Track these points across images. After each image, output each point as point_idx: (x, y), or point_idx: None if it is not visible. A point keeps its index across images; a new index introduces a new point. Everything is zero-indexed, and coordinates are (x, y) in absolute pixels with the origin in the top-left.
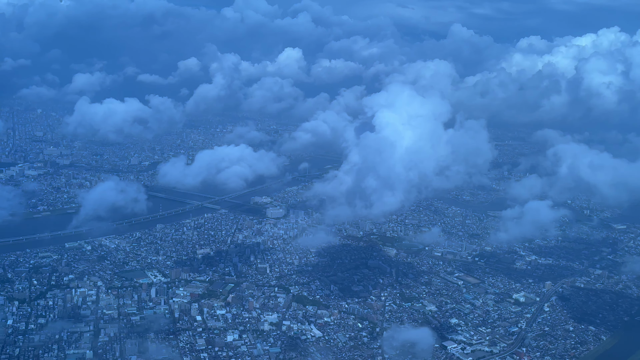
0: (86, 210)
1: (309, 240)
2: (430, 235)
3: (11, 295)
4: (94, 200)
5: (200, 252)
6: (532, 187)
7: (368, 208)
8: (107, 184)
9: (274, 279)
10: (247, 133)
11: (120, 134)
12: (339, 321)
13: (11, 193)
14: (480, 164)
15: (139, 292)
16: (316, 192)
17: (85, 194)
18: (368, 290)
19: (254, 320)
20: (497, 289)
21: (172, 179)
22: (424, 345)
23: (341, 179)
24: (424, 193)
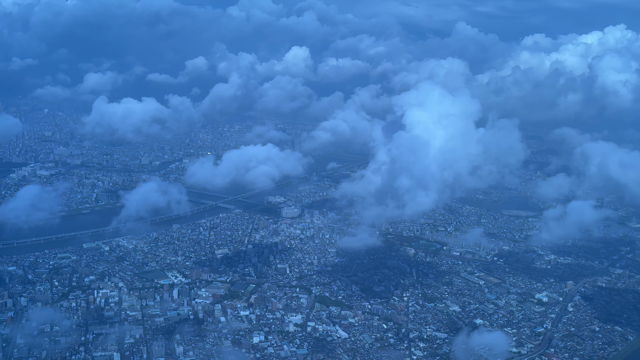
0: (128, 211)
1: (349, 241)
2: (472, 236)
3: (34, 297)
4: (137, 201)
5: (219, 253)
6: (561, 186)
7: (401, 208)
8: (150, 185)
9: (294, 279)
10: (267, 132)
11: (139, 134)
12: (363, 322)
13: (51, 194)
14: (513, 163)
15: (160, 293)
16: (344, 192)
17: (128, 194)
18: (390, 291)
19: (278, 321)
20: (518, 289)
21: (201, 179)
22: (498, 350)
23: (369, 178)
24: (457, 193)
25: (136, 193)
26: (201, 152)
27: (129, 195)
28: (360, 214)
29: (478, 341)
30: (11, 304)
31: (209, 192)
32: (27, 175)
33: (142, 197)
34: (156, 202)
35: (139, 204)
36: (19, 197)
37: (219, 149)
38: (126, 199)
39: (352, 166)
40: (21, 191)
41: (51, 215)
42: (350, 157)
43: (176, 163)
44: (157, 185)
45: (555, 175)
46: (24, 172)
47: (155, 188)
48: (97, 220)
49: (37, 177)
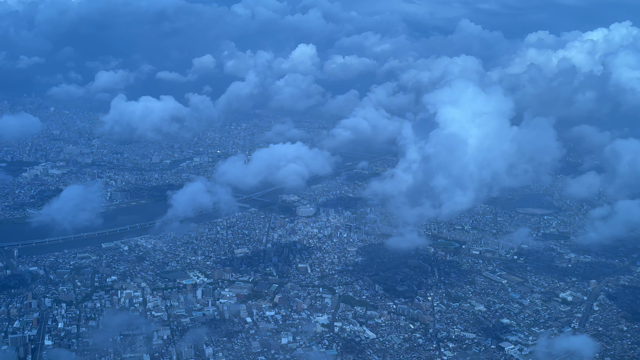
0: (175, 211)
1: (396, 242)
2: (518, 236)
3: (57, 298)
4: (183, 201)
5: (238, 252)
6: (591, 185)
7: (437, 207)
8: (196, 185)
9: (316, 278)
10: (287, 131)
11: (158, 133)
12: (389, 322)
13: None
14: (548, 162)
15: (184, 293)
16: (374, 191)
17: (174, 194)
18: (413, 290)
19: (305, 321)
20: (542, 288)
21: (231, 178)
22: (585, 354)
23: (401, 177)
24: (493, 192)
25: (183, 193)
26: (210, 150)
27: (177, 195)
28: (393, 213)
29: (563, 346)
30: (35, 305)
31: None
32: (39, 174)
33: (188, 196)
34: (202, 201)
35: (185, 204)
36: (64, 197)
37: (228, 147)
38: (174, 199)
39: (383, 165)
40: (65, 191)
41: (95, 214)
42: (371, 155)
43: (187, 161)
44: (203, 185)
45: (585, 174)
46: (36, 171)
47: (202, 188)
48: (118, 220)
49: (49, 176)
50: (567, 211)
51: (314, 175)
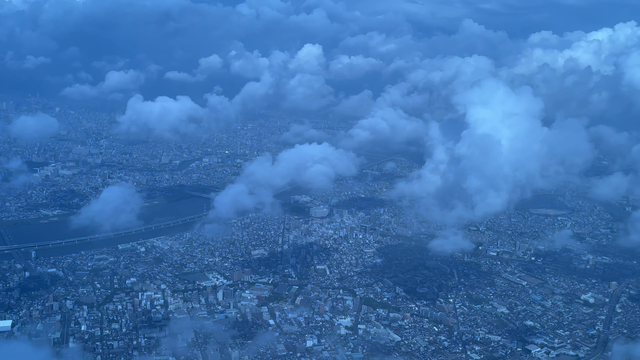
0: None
1: (441, 244)
2: (561, 237)
3: (78, 300)
4: (225, 204)
5: (255, 253)
6: (619, 185)
7: (469, 209)
8: (238, 187)
9: (335, 280)
10: (306, 131)
11: (175, 133)
12: (412, 324)
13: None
14: (580, 164)
15: (204, 295)
16: (401, 192)
17: (218, 196)
18: (434, 292)
19: (328, 324)
20: (562, 290)
21: (259, 178)
22: None
23: (429, 178)
24: (526, 194)
25: (225, 194)
26: (219, 151)
27: (218, 197)
28: (423, 215)
29: None
30: (57, 307)
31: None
32: (50, 175)
33: (231, 198)
34: (244, 203)
35: (227, 206)
36: (104, 198)
37: (236, 147)
38: (215, 200)
39: (404, 165)
40: (105, 191)
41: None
42: (389, 156)
43: (196, 162)
44: (243, 187)
45: (613, 174)
46: (47, 172)
47: (244, 190)
48: (137, 220)
49: (60, 177)
50: (580, 212)
51: (339, 176)
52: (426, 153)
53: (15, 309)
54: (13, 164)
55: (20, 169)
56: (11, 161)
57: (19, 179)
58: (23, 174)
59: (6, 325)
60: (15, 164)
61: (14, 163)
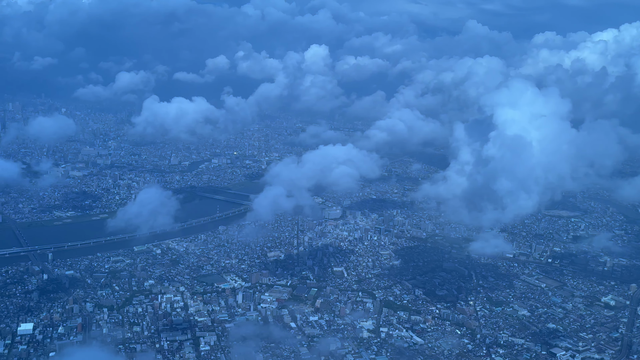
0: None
1: (479, 246)
2: (599, 240)
3: (98, 302)
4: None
5: (271, 255)
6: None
7: (499, 211)
8: (276, 190)
9: (353, 282)
10: (323, 132)
11: (192, 134)
12: (434, 327)
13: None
14: (609, 165)
15: (224, 297)
16: (426, 194)
17: (257, 198)
18: (453, 295)
19: (350, 327)
20: (582, 292)
21: (285, 180)
22: None
23: (454, 179)
24: (556, 196)
25: (263, 197)
26: (227, 152)
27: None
28: (449, 216)
29: None
30: (77, 310)
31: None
32: (61, 176)
33: (270, 200)
34: (283, 206)
35: (266, 208)
36: (140, 201)
37: (244, 148)
38: (254, 202)
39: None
40: (141, 194)
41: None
42: (406, 157)
43: (205, 163)
44: (282, 189)
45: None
46: (58, 173)
47: (283, 192)
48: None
49: (70, 178)
50: (592, 213)
51: (362, 177)
52: (451, 154)
53: (36, 312)
54: (24, 165)
55: (32, 170)
56: (22, 162)
57: (31, 180)
58: (34, 175)
59: (28, 329)
60: (26, 165)
61: (24, 164)
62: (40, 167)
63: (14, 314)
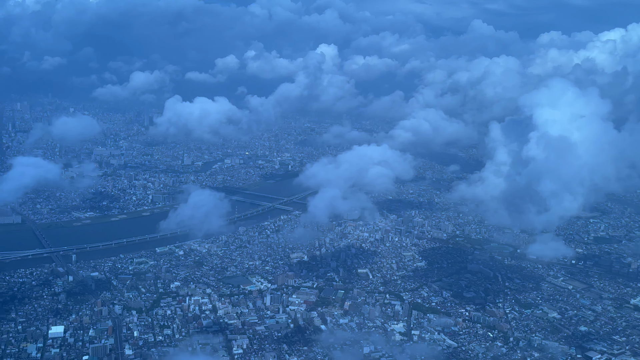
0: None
1: (540, 248)
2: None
3: (126, 305)
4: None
5: (294, 257)
6: None
7: (543, 213)
8: (331, 191)
9: (379, 284)
10: (347, 133)
11: (215, 134)
12: (466, 330)
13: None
14: None
15: (252, 299)
16: (462, 195)
17: (314, 199)
18: (481, 297)
19: (381, 329)
20: (609, 294)
21: (322, 181)
22: None
23: (491, 180)
24: (600, 197)
25: (319, 198)
26: (238, 152)
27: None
28: (489, 218)
29: None
30: (106, 312)
31: (262, 193)
32: (75, 176)
33: (327, 202)
34: (339, 207)
35: (322, 210)
36: (193, 204)
37: (255, 148)
38: (312, 205)
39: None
40: (193, 196)
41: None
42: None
43: (218, 163)
44: (338, 191)
45: None
46: (72, 174)
47: (338, 194)
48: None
49: (85, 178)
50: (610, 214)
51: (397, 178)
52: (486, 155)
53: (64, 314)
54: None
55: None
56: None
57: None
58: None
59: (59, 331)
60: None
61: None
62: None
63: (43, 316)
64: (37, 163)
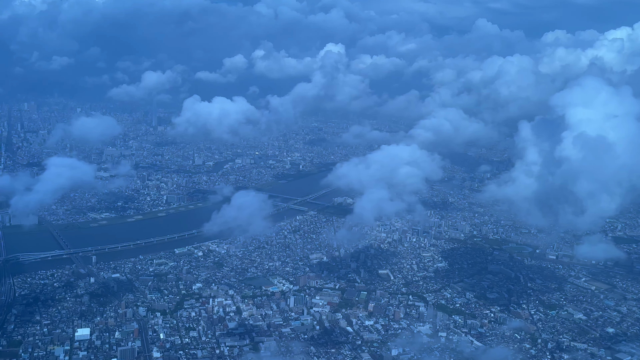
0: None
1: (587, 250)
2: None
3: (150, 306)
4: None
5: (313, 257)
6: None
7: (579, 214)
8: (379, 192)
9: (401, 285)
10: (368, 133)
11: (235, 135)
12: (492, 332)
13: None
14: None
15: (275, 301)
16: (493, 195)
17: (360, 201)
18: (504, 298)
19: (407, 331)
20: (633, 295)
21: (352, 181)
22: None
23: (522, 180)
24: (638, 198)
25: (367, 200)
26: (248, 152)
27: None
28: (522, 219)
29: None
30: (131, 314)
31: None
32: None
33: (374, 203)
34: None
35: (369, 212)
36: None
37: (265, 148)
38: (358, 206)
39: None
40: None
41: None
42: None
43: (229, 163)
44: (385, 192)
45: None
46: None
47: (386, 196)
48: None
49: (97, 179)
50: (626, 214)
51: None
52: (515, 154)
53: (88, 316)
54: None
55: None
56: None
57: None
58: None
59: (85, 334)
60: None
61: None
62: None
63: (67, 318)
64: (73, 164)
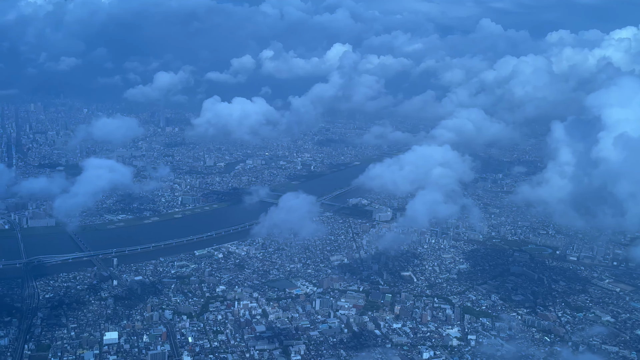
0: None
1: None
2: None
3: (176, 309)
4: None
5: (334, 259)
6: None
7: (619, 216)
8: (430, 195)
9: (425, 288)
10: (390, 133)
11: (255, 135)
12: (521, 334)
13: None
14: None
15: (300, 303)
16: (526, 197)
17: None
18: (530, 300)
19: (436, 334)
20: None
21: (386, 182)
22: None
23: (555, 182)
24: None
25: (419, 202)
26: (258, 152)
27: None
28: (558, 220)
29: None
30: (157, 318)
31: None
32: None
33: (427, 206)
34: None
35: (420, 213)
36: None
37: (274, 149)
38: (410, 208)
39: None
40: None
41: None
42: None
43: (240, 164)
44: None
45: None
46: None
47: (439, 198)
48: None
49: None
50: None
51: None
52: (548, 155)
53: (115, 320)
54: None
55: (67, 172)
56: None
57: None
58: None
59: (113, 337)
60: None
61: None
62: (77, 168)
63: (94, 322)
64: (112, 166)
